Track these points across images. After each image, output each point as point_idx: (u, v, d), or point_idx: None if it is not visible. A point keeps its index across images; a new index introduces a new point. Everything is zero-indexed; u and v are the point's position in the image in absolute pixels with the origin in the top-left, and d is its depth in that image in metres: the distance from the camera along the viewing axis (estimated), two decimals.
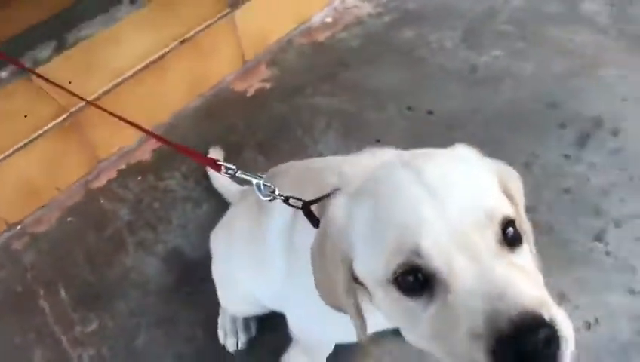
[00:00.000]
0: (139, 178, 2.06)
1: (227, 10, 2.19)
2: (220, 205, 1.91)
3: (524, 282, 0.74)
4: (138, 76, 2.05)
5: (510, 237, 0.80)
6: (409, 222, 0.78)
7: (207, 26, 2.15)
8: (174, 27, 2.11)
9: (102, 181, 2.07)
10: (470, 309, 0.73)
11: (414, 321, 0.81)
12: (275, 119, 2.16)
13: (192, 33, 2.12)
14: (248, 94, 2.27)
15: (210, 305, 1.68)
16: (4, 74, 2.02)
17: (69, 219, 1.99)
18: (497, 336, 0.70)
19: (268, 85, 2.29)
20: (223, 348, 1.63)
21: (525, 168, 1.85)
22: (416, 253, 0.77)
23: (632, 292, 1.59)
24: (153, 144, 2.15)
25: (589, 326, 1.54)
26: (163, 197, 2.00)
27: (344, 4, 2.55)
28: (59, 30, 2.10)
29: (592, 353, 1.49)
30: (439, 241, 0.76)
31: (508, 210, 0.82)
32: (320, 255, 0.93)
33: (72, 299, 1.79)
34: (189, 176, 2.04)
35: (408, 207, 0.79)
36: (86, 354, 1.67)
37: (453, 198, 0.78)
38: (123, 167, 2.11)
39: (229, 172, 1.25)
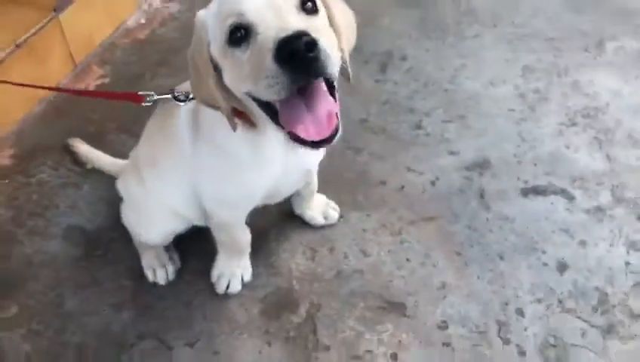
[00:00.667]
0: (6, 181, 2.06)
1: (52, 14, 2.30)
2: (101, 182, 2.04)
3: (303, 26, 1.06)
4: None
5: (306, 8, 1.13)
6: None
7: (38, 30, 2.23)
8: (7, 32, 2.16)
9: None
10: (267, 38, 1.06)
11: (240, 65, 1.13)
12: (125, 105, 2.32)
13: (24, 37, 2.18)
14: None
15: (127, 256, 1.82)
16: None
17: None
18: (278, 45, 1.03)
19: (106, 80, 2.44)
20: (154, 285, 1.77)
21: (352, 91, 2.31)
22: (241, 14, 1.10)
23: (451, 153, 2.13)
24: (8, 150, 2.16)
25: (433, 183, 2.03)
26: (39, 189, 2.03)
27: (152, 7, 2.81)
28: None
29: (442, 200, 1.97)
30: (256, 5, 1.09)
31: None
32: (192, 57, 1.24)
33: None
34: (59, 166, 2.10)
35: None
36: (17, 334, 1.67)
37: None
38: None
39: (149, 98, 1.48)
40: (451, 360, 1.60)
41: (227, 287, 1.73)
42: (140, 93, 1.50)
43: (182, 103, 1.43)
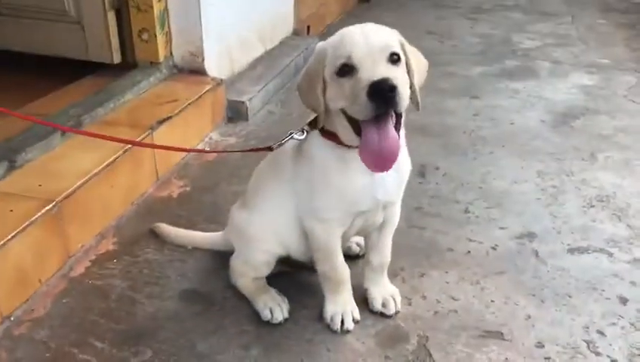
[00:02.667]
0: (114, 260, 2.27)
1: (148, 131, 2.71)
2: (205, 255, 2.28)
3: (390, 73, 1.54)
4: (91, 183, 2.36)
5: (392, 59, 1.60)
6: (349, 45, 1.58)
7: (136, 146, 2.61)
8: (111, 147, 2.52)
9: (80, 270, 2.21)
10: (365, 77, 1.54)
11: (343, 90, 1.59)
12: (207, 205, 2.64)
13: (120, 152, 2.53)
14: (174, 196, 2.72)
15: (243, 307, 2.02)
16: None
17: (64, 301, 2.06)
18: (371, 84, 1.51)
19: (187, 188, 2.78)
20: (274, 327, 1.95)
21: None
22: (349, 57, 1.57)
23: (501, 228, 2.49)
24: (112, 238, 2.39)
25: (494, 248, 2.37)
26: (148, 265, 2.24)
27: (212, 139, 3.26)
28: (8, 153, 2.33)
29: (505, 259, 2.30)
30: (361, 52, 1.56)
31: (396, 49, 1.61)
32: (305, 78, 1.72)
33: (113, 345, 1.88)
34: (162, 248, 2.34)
35: (352, 39, 1.60)
36: None
37: (372, 39, 1.58)
38: (93, 257, 2.28)
39: (277, 144, 1.91)
40: None
41: (342, 324, 1.93)
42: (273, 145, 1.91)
43: (301, 137, 1.83)
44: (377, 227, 1.96)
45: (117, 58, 3.25)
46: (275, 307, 1.96)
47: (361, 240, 2.23)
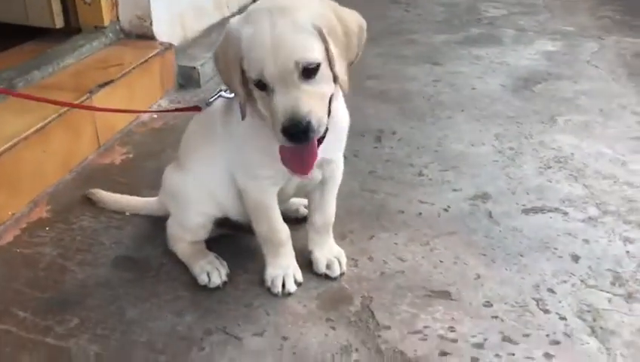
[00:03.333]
0: (47, 228, 2.14)
1: (87, 95, 2.56)
2: (144, 223, 2.17)
3: (303, 100, 1.45)
4: (19, 147, 2.22)
5: (306, 74, 1.47)
6: (260, 61, 1.46)
7: (70, 109, 2.46)
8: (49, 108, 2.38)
9: (8, 239, 2.08)
10: (279, 103, 1.46)
11: (262, 101, 1.54)
12: (150, 171, 2.52)
13: (54, 116, 2.40)
14: (116, 163, 2.59)
15: (180, 274, 1.93)
16: None
17: None
18: (283, 128, 1.45)
19: (130, 155, 2.65)
20: (211, 292, 1.85)
21: (357, 153, 2.62)
22: (262, 75, 1.46)
23: (454, 190, 2.42)
24: (45, 206, 2.26)
25: (446, 210, 2.29)
26: (82, 233, 2.12)
27: (161, 106, 3.12)
28: None
29: (457, 220, 2.22)
30: (271, 73, 1.45)
31: (310, 59, 1.46)
32: (222, 52, 1.58)
33: (36, 314, 1.76)
34: (99, 215, 2.22)
35: (262, 50, 1.45)
36: (82, 339, 1.67)
37: (282, 53, 1.44)
38: (24, 225, 2.16)
39: (206, 103, 1.81)
40: (503, 327, 1.73)
41: (283, 287, 1.83)
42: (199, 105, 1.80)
43: (230, 95, 1.73)
44: (319, 186, 1.86)
45: (59, 22, 3.10)
46: (212, 271, 1.86)
47: (306, 202, 2.13)
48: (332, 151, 1.74)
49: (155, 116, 3.02)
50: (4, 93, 2.25)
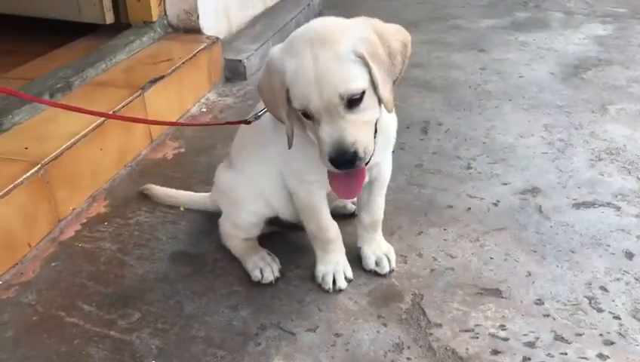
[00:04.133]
0: (105, 223, 2.23)
1: (139, 92, 2.63)
2: (198, 218, 2.23)
3: (349, 130, 1.47)
4: (78, 145, 2.30)
5: (351, 104, 1.47)
6: (304, 95, 1.47)
7: (127, 103, 2.54)
8: (105, 104, 2.46)
9: (69, 234, 2.18)
10: (325, 134, 1.48)
11: (310, 128, 1.56)
12: (202, 166, 2.58)
13: (118, 107, 2.48)
14: (169, 158, 2.66)
15: (234, 270, 1.98)
16: None
17: (53, 264, 2.03)
18: (330, 158, 1.48)
19: (182, 150, 2.72)
20: (265, 287, 1.90)
21: (403, 145, 2.62)
22: (307, 107, 1.47)
23: (503, 184, 2.40)
24: (103, 201, 2.35)
25: (495, 204, 2.28)
26: (139, 228, 2.20)
27: (209, 100, 3.18)
28: None
29: (507, 215, 2.21)
30: (316, 106, 1.46)
31: (354, 90, 1.46)
32: (267, 84, 1.59)
33: (100, 308, 1.85)
34: (154, 210, 2.29)
35: (306, 84, 1.46)
36: (144, 333, 1.75)
37: (326, 87, 1.44)
38: (84, 220, 2.25)
39: (253, 116, 1.85)
40: (555, 326, 1.73)
41: (334, 284, 1.87)
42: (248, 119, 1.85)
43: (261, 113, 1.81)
44: (367, 185, 1.88)
45: (110, 18, 3.18)
46: (265, 267, 1.91)
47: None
48: (380, 155, 1.75)
49: (204, 110, 3.08)
50: (35, 101, 2.29)
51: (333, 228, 1.86)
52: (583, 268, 1.94)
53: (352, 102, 1.47)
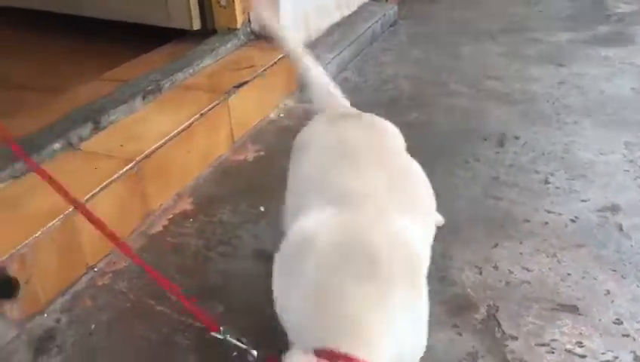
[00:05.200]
0: (190, 220, 2.35)
1: (224, 96, 2.76)
2: (277, 219, 2.31)
3: None
4: (169, 144, 2.44)
5: None
6: None
7: (214, 107, 2.67)
8: (189, 110, 2.60)
9: (158, 228, 2.31)
10: None
11: None
12: (282, 169, 2.66)
13: (197, 116, 2.60)
14: (249, 160, 2.77)
15: None
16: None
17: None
18: None
19: (262, 153, 2.82)
20: None
21: (478, 157, 2.63)
22: None
23: (582, 201, 2.38)
24: (188, 199, 2.48)
25: (573, 221, 2.26)
26: (222, 226, 2.30)
27: (287, 106, 3.28)
28: (93, 115, 2.45)
29: (585, 232, 2.19)
30: None
31: None
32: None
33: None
34: (236, 209, 2.40)
35: None
36: (227, 326, 1.84)
37: None
38: (171, 216, 2.38)
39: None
40: (635, 347, 1.71)
41: None
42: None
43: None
44: None
45: (197, 24, 3.33)
46: None
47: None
48: None
49: (282, 115, 3.19)
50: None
51: None
52: None
53: None
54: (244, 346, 1.35)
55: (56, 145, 2.27)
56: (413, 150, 1.71)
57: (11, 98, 2.87)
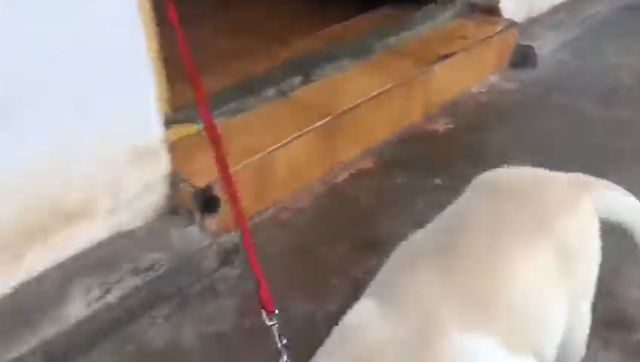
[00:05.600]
0: (369, 178, 2.53)
1: (428, 66, 2.84)
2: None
3: None
4: (366, 104, 2.60)
5: None
6: None
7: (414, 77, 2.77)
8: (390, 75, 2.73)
9: (340, 179, 2.53)
10: None
11: None
12: (470, 145, 2.71)
13: (398, 81, 2.72)
14: (440, 131, 2.84)
15: None
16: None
17: (323, 202, 2.40)
18: None
19: (452, 126, 2.87)
20: None
21: None
22: None
23: None
24: (370, 158, 2.65)
25: None
26: (396, 189, 2.45)
27: (491, 82, 3.24)
28: (306, 67, 2.71)
29: None
30: None
31: None
32: None
33: (353, 249, 2.15)
34: (413, 176, 2.51)
35: None
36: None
37: None
38: (353, 171, 2.58)
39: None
40: None
41: None
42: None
43: None
44: None
45: None
46: None
47: None
48: None
49: (483, 90, 3.17)
50: None
51: None
52: None
53: None
54: (279, 343, 1.19)
55: (271, 92, 2.57)
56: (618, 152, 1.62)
57: (240, 42, 3.21)
